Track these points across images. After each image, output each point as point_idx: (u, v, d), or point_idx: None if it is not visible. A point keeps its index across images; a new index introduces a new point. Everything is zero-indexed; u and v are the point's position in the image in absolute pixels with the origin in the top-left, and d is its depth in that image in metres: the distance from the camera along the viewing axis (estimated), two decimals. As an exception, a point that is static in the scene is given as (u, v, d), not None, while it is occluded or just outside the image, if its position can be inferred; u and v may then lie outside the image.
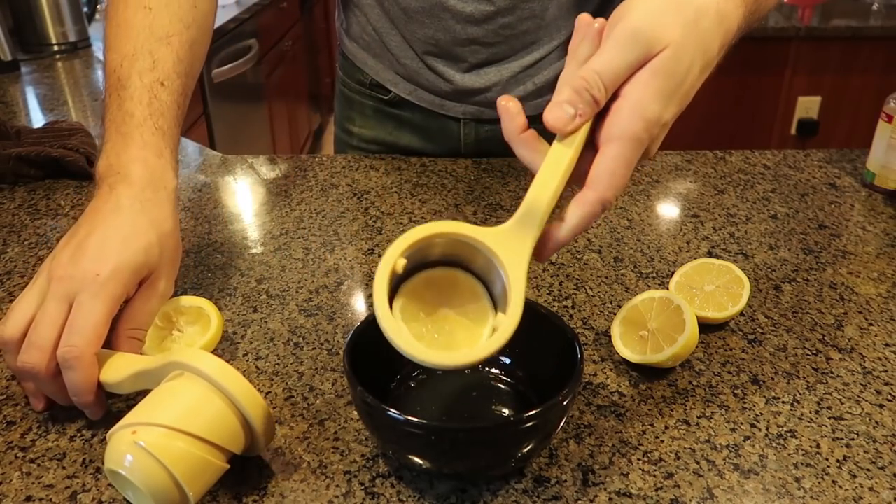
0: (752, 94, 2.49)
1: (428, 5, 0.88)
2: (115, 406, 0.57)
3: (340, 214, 0.88)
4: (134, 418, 0.46)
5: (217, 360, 0.48)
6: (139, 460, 0.43)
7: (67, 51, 1.80)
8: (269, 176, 0.99)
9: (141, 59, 0.64)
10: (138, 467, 0.43)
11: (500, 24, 0.62)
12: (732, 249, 0.80)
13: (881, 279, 0.75)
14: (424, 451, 0.48)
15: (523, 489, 0.50)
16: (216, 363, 0.48)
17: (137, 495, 0.45)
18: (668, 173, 0.99)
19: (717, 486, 0.50)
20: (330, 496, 0.49)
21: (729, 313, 0.65)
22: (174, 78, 0.65)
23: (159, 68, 0.64)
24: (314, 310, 0.69)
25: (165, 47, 0.65)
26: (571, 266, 0.77)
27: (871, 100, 2.46)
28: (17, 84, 1.52)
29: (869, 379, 0.61)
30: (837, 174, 0.99)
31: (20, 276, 0.75)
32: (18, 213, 0.89)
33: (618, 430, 0.55)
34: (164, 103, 0.63)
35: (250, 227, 0.86)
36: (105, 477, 0.51)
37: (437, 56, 0.93)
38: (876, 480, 0.50)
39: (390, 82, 0.98)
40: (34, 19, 1.77)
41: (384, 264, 0.43)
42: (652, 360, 0.59)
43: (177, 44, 0.66)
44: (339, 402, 0.58)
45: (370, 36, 0.97)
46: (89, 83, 1.58)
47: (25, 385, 0.55)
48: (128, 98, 0.63)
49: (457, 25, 0.89)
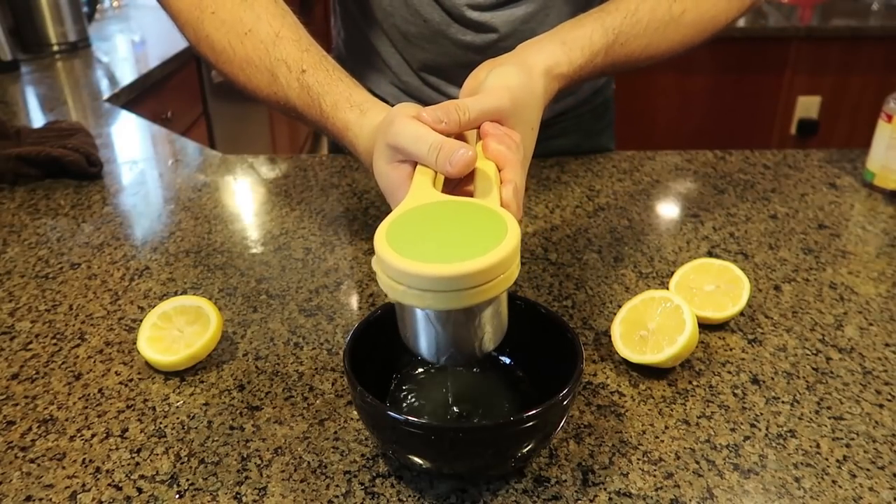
0: (752, 94, 2.49)
1: (429, 32, 0.88)
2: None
3: (340, 214, 0.88)
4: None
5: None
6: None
7: (67, 51, 1.80)
8: (269, 176, 0.99)
9: (280, 75, 0.65)
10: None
11: (500, 49, 0.64)
12: (732, 249, 0.80)
13: (881, 279, 0.75)
14: (424, 451, 0.48)
15: (523, 489, 0.50)
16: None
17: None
18: (668, 173, 0.99)
19: (717, 486, 0.50)
20: (330, 496, 0.49)
21: (729, 313, 0.65)
22: (305, 57, 0.65)
23: (292, 66, 0.65)
24: (314, 310, 0.69)
25: (282, 49, 0.65)
26: (571, 266, 0.77)
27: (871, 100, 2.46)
28: (17, 84, 1.52)
29: (869, 379, 0.61)
30: (837, 174, 0.99)
31: (20, 276, 0.75)
32: (18, 213, 0.89)
33: (618, 430, 0.55)
34: (319, 79, 0.64)
35: (250, 227, 0.86)
36: (105, 476, 0.51)
37: (437, 76, 0.93)
38: (876, 480, 0.50)
39: (391, 96, 0.98)
40: (34, 19, 1.77)
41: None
42: (652, 360, 0.59)
43: (284, 34, 0.66)
44: (339, 402, 0.58)
45: (369, 53, 0.97)
46: (89, 83, 1.58)
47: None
48: (304, 107, 0.64)
49: (458, 51, 0.89)
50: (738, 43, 2.36)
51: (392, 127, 0.52)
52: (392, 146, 0.52)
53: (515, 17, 0.85)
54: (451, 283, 0.40)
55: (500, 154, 0.51)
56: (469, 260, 0.40)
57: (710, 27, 0.72)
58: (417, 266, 0.40)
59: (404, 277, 0.41)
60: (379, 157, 0.54)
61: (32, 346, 0.65)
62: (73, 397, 0.58)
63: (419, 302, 0.42)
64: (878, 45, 2.39)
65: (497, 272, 0.41)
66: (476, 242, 0.42)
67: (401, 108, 0.54)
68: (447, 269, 0.40)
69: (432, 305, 0.42)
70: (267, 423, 0.55)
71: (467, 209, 0.46)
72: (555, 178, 0.97)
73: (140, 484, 0.50)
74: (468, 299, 0.41)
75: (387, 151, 0.53)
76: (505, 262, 0.41)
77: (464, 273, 0.40)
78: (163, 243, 0.82)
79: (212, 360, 0.62)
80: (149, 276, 0.75)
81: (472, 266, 0.40)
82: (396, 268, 0.41)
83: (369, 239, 0.82)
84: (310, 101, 0.63)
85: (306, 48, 0.65)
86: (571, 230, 0.84)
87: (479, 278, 0.40)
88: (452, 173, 0.49)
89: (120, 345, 0.65)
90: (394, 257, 0.41)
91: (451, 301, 0.41)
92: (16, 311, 0.70)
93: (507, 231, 0.43)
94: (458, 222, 0.45)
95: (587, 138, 1.06)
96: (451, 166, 0.48)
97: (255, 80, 0.67)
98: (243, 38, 0.66)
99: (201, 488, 0.50)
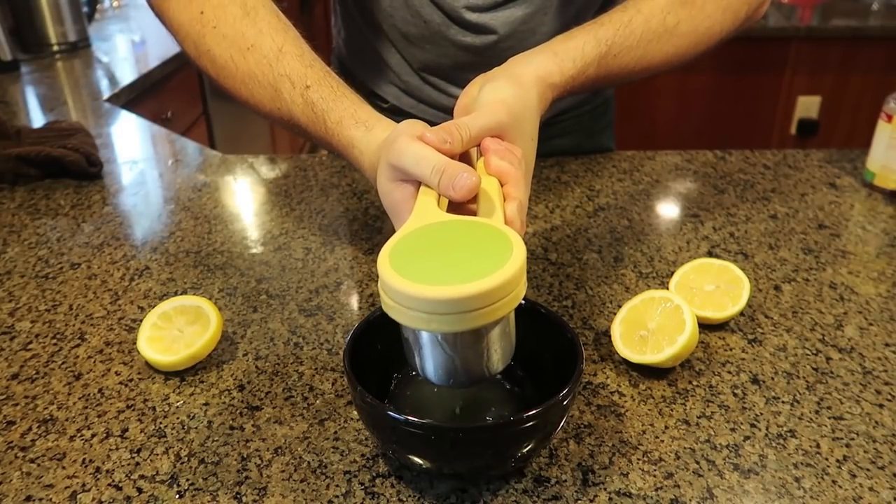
0: (752, 93, 2.49)
1: (429, 33, 0.88)
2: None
3: (340, 214, 0.88)
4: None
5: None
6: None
7: (67, 51, 1.80)
8: (269, 176, 0.99)
9: (283, 91, 0.65)
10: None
11: (500, 50, 0.64)
12: (732, 249, 0.80)
13: (881, 279, 0.75)
14: (424, 451, 0.48)
15: (523, 489, 0.50)
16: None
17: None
18: (668, 173, 0.99)
19: (717, 486, 0.50)
20: (330, 496, 0.49)
21: (729, 313, 0.65)
22: (309, 73, 0.65)
23: (295, 81, 0.64)
24: (314, 310, 0.69)
25: (285, 64, 0.65)
26: (571, 266, 0.77)
27: (871, 100, 2.46)
28: (17, 84, 1.52)
29: (869, 379, 0.61)
30: (837, 174, 0.99)
31: (20, 276, 0.75)
32: (18, 213, 0.89)
33: (618, 430, 0.55)
34: (323, 96, 0.63)
35: (250, 227, 0.86)
36: (105, 476, 0.51)
37: (437, 76, 0.93)
38: (876, 480, 0.50)
39: (392, 96, 0.97)
40: (34, 19, 1.77)
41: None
42: (652, 360, 0.59)
43: (287, 49, 0.66)
44: (339, 402, 0.58)
45: (369, 53, 0.97)
46: (89, 83, 1.58)
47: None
48: (309, 123, 0.64)
49: (458, 52, 0.89)
50: (738, 43, 2.35)
51: (395, 146, 0.51)
52: (395, 166, 0.52)
53: (514, 17, 0.85)
54: (457, 305, 0.39)
55: (503, 170, 0.51)
56: (475, 281, 0.40)
57: (705, 39, 0.72)
58: (422, 289, 0.40)
59: (409, 301, 0.40)
60: (382, 175, 0.54)
61: (32, 346, 0.65)
62: (73, 397, 0.58)
63: (425, 325, 0.41)
64: (878, 45, 2.39)
65: (503, 292, 0.40)
66: (481, 262, 0.41)
67: (405, 126, 0.53)
68: (452, 291, 0.39)
69: (439, 328, 0.41)
70: (267, 423, 0.55)
71: (471, 228, 0.45)
72: (555, 178, 0.97)
73: (140, 484, 0.50)
74: (475, 321, 0.40)
75: (389, 171, 0.52)
76: (511, 282, 0.41)
77: (470, 295, 0.39)
78: (163, 243, 0.82)
79: (212, 360, 0.62)
80: (149, 276, 0.75)
81: (478, 287, 0.39)
82: (400, 291, 0.40)
83: (369, 239, 0.82)
84: (314, 118, 0.63)
85: (310, 64, 0.65)
86: (571, 230, 0.84)
87: (486, 299, 0.40)
88: (456, 198, 0.48)
89: (120, 345, 0.65)
90: (397, 280, 0.41)
91: (458, 323, 0.40)
92: (16, 311, 0.70)
93: (513, 250, 0.42)
94: (463, 242, 0.45)
95: (587, 138, 1.06)
96: (455, 191, 0.48)
97: (258, 96, 0.66)
98: (245, 53, 0.66)
99: (201, 488, 0.50)
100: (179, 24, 0.69)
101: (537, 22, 0.86)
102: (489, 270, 0.40)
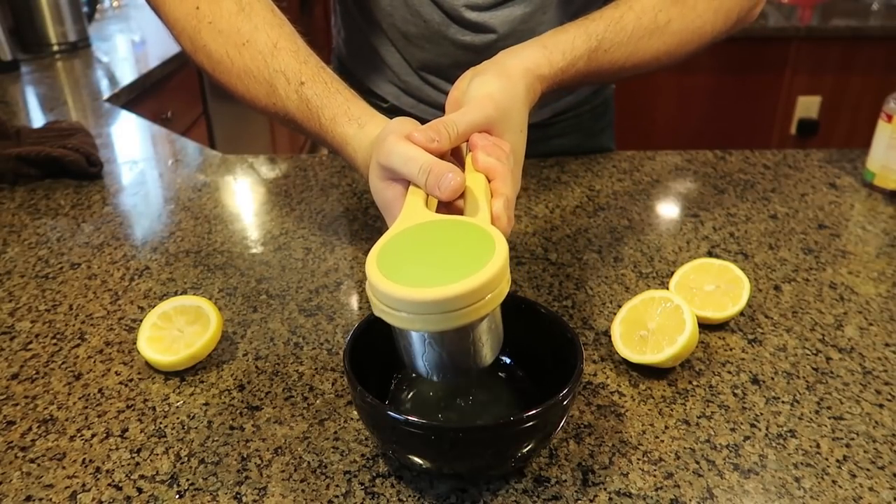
0: (752, 93, 2.49)
1: (429, 32, 0.88)
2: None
3: (340, 214, 0.88)
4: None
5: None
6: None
7: (67, 51, 1.80)
8: (269, 176, 0.99)
9: (278, 87, 0.65)
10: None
11: (500, 49, 0.64)
12: (732, 249, 0.80)
13: (881, 279, 0.75)
14: (424, 451, 0.48)
15: (523, 489, 0.50)
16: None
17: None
18: (668, 173, 0.99)
19: (717, 486, 0.50)
20: (330, 496, 0.49)
21: (729, 313, 0.65)
22: (304, 69, 0.65)
23: (290, 77, 0.65)
24: (314, 310, 0.69)
25: (280, 60, 0.65)
26: (571, 266, 0.77)
27: (871, 100, 2.46)
28: (17, 84, 1.52)
29: (869, 379, 0.61)
30: (837, 174, 0.99)
31: (20, 276, 0.75)
32: (18, 213, 0.89)
33: (618, 430, 0.55)
34: (317, 92, 0.64)
35: (250, 227, 0.86)
36: (105, 476, 0.51)
37: (437, 75, 0.93)
38: (876, 480, 0.50)
39: (391, 95, 0.97)
40: (34, 19, 1.77)
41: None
42: (652, 360, 0.59)
43: (282, 45, 0.66)
44: (339, 402, 0.58)
45: (369, 52, 0.97)
46: (89, 83, 1.58)
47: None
48: (304, 120, 0.64)
49: (457, 51, 0.89)
50: (738, 43, 2.36)
51: (384, 146, 0.52)
52: (384, 166, 0.52)
53: (513, 16, 0.85)
54: (440, 305, 0.41)
55: (490, 166, 0.52)
56: (457, 282, 0.41)
57: (696, 38, 0.73)
58: (406, 291, 0.41)
59: (395, 303, 0.42)
60: (373, 174, 0.54)
61: (32, 346, 0.65)
62: (73, 397, 0.58)
63: (411, 325, 0.43)
64: (878, 45, 2.39)
65: (486, 291, 0.42)
66: (465, 262, 0.43)
67: (394, 124, 0.54)
68: (436, 292, 0.41)
69: (424, 328, 0.43)
70: (267, 423, 0.55)
71: (457, 228, 0.47)
72: (555, 178, 0.97)
73: (140, 484, 0.50)
74: (459, 320, 0.42)
75: (379, 170, 0.53)
76: (493, 281, 0.42)
77: (452, 295, 0.41)
78: (163, 243, 0.82)
79: (212, 360, 0.62)
80: (149, 276, 0.75)
81: (460, 288, 0.41)
82: (386, 293, 0.42)
83: (369, 239, 0.82)
84: (309, 114, 0.63)
85: (304, 59, 0.65)
86: (571, 230, 0.84)
87: (468, 299, 0.41)
88: (442, 198, 0.49)
89: (120, 345, 0.65)
90: (383, 282, 0.42)
91: (442, 323, 0.42)
92: (16, 311, 0.70)
93: (496, 249, 0.43)
94: (448, 242, 0.46)
95: (587, 138, 1.06)
96: (440, 191, 0.49)
97: (254, 91, 0.67)
98: (241, 48, 0.66)
99: (201, 488, 0.50)
100: (175, 20, 0.70)
101: (537, 21, 0.86)
102: (472, 270, 0.42)
